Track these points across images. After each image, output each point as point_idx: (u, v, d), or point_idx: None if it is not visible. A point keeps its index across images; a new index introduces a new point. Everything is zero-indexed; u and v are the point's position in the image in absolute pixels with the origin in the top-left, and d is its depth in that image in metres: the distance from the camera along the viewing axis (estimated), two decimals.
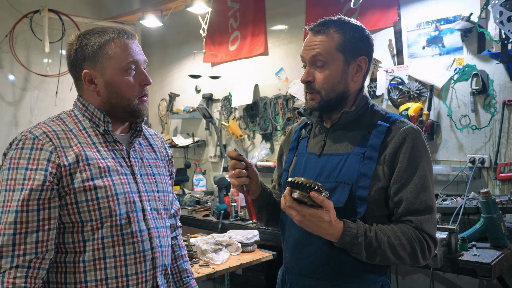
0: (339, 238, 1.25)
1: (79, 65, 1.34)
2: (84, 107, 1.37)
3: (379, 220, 1.34)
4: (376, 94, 3.40)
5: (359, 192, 1.31)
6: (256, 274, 3.48)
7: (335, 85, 1.37)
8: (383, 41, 3.38)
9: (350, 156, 1.36)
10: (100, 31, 1.35)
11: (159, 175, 1.47)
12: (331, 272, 1.35)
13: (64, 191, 1.24)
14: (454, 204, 2.59)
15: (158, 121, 5.37)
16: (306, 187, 1.19)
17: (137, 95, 1.36)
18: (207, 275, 2.31)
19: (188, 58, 4.90)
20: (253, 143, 4.36)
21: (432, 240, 1.31)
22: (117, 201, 1.29)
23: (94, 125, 1.35)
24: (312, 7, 3.79)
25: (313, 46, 1.36)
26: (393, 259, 1.29)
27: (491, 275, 2.11)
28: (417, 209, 1.30)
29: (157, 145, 1.54)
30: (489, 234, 2.36)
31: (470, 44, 2.98)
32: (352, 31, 1.37)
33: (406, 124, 1.36)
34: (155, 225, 1.38)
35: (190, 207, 3.81)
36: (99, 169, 1.28)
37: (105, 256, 1.27)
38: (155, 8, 4.43)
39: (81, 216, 1.25)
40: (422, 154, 1.33)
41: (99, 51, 1.32)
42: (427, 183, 1.32)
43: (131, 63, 1.34)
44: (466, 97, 3.00)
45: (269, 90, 4.19)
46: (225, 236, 2.73)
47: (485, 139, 2.93)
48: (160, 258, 1.37)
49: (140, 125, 1.44)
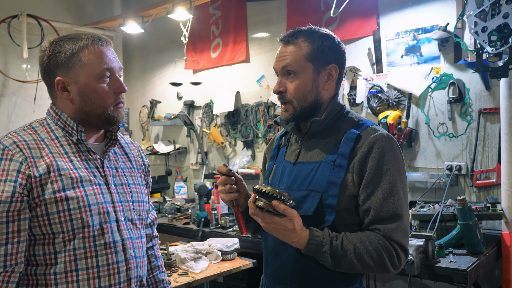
0: (305, 246, 1.27)
1: (52, 72, 1.32)
2: (57, 115, 1.34)
3: (350, 228, 1.34)
4: (356, 102, 3.44)
5: (328, 200, 1.32)
6: (237, 282, 3.46)
7: (306, 94, 1.38)
8: (363, 49, 3.42)
9: (322, 164, 1.37)
10: (74, 37, 1.32)
11: (134, 185, 1.44)
12: (302, 279, 1.36)
13: (35, 203, 1.21)
14: (432, 211, 2.62)
15: (139, 128, 5.33)
16: (270, 196, 1.22)
17: (112, 102, 1.33)
18: (186, 284, 2.28)
19: (170, 65, 4.88)
20: (235, 150, 4.35)
21: (401, 248, 1.30)
22: (89, 212, 1.26)
23: (67, 134, 1.33)
24: (293, 15, 3.82)
25: (283, 57, 1.39)
26: (360, 268, 1.30)
27: (467, 281, 2.13)
28: (384, 216, 1.29)
29: (133, 154, 1.51)
30: (465, 240, 2.39)
31: (447, 54, 3.03)
32: (321, 40, 1.39)
33: (376, 131, 1.36)
34: (129, 235, 1.35)
35: (170, 215, 3.78)
36: (71, 179, 1.26)
37: (77, 268, 1.25)
38: (136, 14, 4.41)
39: (52, 227, 1.22)
40: (391, 161, 1.32)
41: (73, 58, 1.29)
42: (395, 190, 1.30)
43: (105, 70, 1.31)
44: (443, 106, 3.05)
45: (250, 98, 4.20)
46: (205, 244, 2.71)
47: (462, 147, 2.98)
48: (134, 269, 1.35)
49: (115, 133, 1.41)
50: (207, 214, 3.41)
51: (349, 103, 3.49)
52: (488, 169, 2.85)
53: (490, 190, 2.85)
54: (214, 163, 4.50)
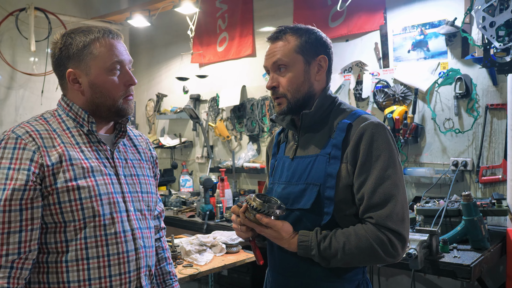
0: (296, 251, 1.35)
1: (63, 64, 1.33)
2: (68, 106, 1.36)
3: (349, 219, 1.36)
4: (362, 96, 3.43)
5: (326, 192, 1.34)
6: (242, 275, 3.48)
7: (300, 86, 1.41)
8: (369, 44, 3.41)
9: (318, 157, 1.39)
10: (85, 30, 1.34)
11: (143, 176, 1.46)
12: (306, 271, 1.38)
13: (47, 191, 1.23)
14: (437, 206, 2.62)
15: (145, 121, 5.35)
16: (256, 210, 1.33)
17: (122, 95, 1.35)
18: (191, 276, 2.31)
19: (176, 59, 4.89)
20: (240, 144, 4.36)
21: (395, 235, 1.28)
22: (100, 201, 1.28)
23: (78, 125, 1.34)
24: (299, 9, 3.81)
25: (273, 53, 1.42)
26: (356, 263, 1.33)
27: (471, 276, 2.14)
28: (377, 202, 1.29)
29: (141, 146, 1.53)
30: (470, 236, 2.39)
31: (454, 49, 3.01)
32: (307, 33, 1.43)
33: (367, 119, 1.37)
34: (138, 226, 1.37)
35: (176, 208, 3.80)
36: (83, 169, 1.28)
37: (88, 257, 1.27)
38: (143, 8, 4.42)
39: (64, 216, 1.24)
40: (382, 148, 1.32)
41: (84, 50, 1.31)
42: (386, 175, 1.30)
43: (116, 63, 1.33)
44: (450, 101, 3.04)
45: (256, 92, 4.20)
46: (210, 237, 2.73)
47: (468, 143, 2.97)
48: (144, 258, 1.37)
49: (125, 125, 1.43)
50: (212, 208, 3.43)
51: (355, 98, 3.48)
52: (494, 165, 2.84)
53: (496, 186, 2.84)
54: (219, 157, 4.51)
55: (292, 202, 1.40)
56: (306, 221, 1.37)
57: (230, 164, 4.17)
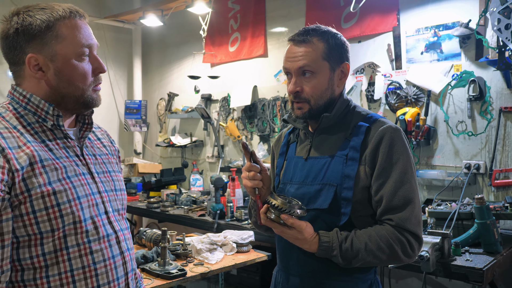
0: (316, 251, 1.34)
1: (20, 47, 1.13)
2: (25, 99, 1.16)
3: (364, 220, 1.37)
4: (374, 98, 3.42)
5: (343, 193, 1.35)
6: (251, 274, 3.49)
7: (323, 93, 1.41)
8: (382, 45, 3.40)
9: (334, 158, 1.40)
10: (46, 7, 1.14)
11: (114, 172, 1.32)
12: (318, 271, 1.39)
13: (18, 200, 1.05)
14: (449, 209, 2.60)
15: (156, 120, 5.38)
16: (280, 210, 1.30)
17: (91, 83, 1.20)
18: (201, 274, 2.31)
19: (188, 58, 4.91)
20: (251, 144, 4.37)
21: (414, 237, 1.33)
22: (80, 205, 1.14)
23: (39, 119, 1.16)
24: (312, 10, 3.81)
25: (298, 57, 1.39)
26: (374, 263, 1.34)
27: (483, 280, 2.12)
28: (396, 205, 1.32)
29: (105, 139, 1.38)
30: (482, 239, 2.37)
31: (468, 51, 3.00)
32: (333, 38, 1.41)
33: (385, 123, 1.39)
34: (119, 227, 1.25)
35: (186, 207, 3.82)
36: (56, 171, 1.11)
37: (72, 268, 1.12)
38: (156, 7, 4.44)
39: (40, 226, 1.07)
40: (401, 151, 1.35)
41: (48, 32, 1.12)
42: (406, 179, 1.34)
43: (85, 47, 1.17)
44: (463, 103, 3.02)
45: (267, 92, 4.21)
46: (220, 236, 2.74)
47: (481, 146, 2.95)
48: (130, 262, 1.26)
49: (90, 117, 1.27)
50: (223, 207, 3.44)
51: (367, 99, 3.47)
52: (507, 169, 2.81)
53: (509, 189, 2.82)
54: (230, 157, 4.53)
55: (308, 202, 1.40)
56: (321, 221, 1.38)
57: (241, 163, 4.18)
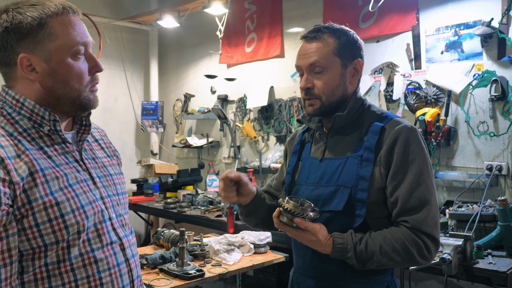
0: (331, 253, 1.32)
1: (11, 47, 1.06)
2: (18, 103, 1.09)
3: (379, 221, 1.35)
4: (392, 98, 3.38)
5: (358, 195, 1.33)
6: (268, 275, 3.48)
7: (335, 89, 1.40)
8: (401, 45, 3.36)
9: (349, 159, 1.38)
10: (36, 4, 1.07)
11: (116, 175, 1.28)
12: (335, 272, 1.38)
13: (20, 213, 1.00)
14: (470, 211, 2.55)
15: (173, 121, 5.41)
16: (291, 213, 1.29)
17: (88, 84, 1.14)
18: (219, 275, 2.31)
19: (204, 59, 4.92)
20: (267, 145, 4.36)
21: (430, 239, 1.30)
22: (84, 214, 1.09)
23: (35, 124, 1.10)
24: (329, 10, 3.78)
25: (310, 54, 1.40)
26: (390, 265, 1.32)
27: (507, 283, 2.08)
28: (412, 206, 1.29)
29: (103, 140, 1.32)
30: (506, 242, 2.32)
31: (490, 50, 2.94)
32: (345, 35, 1.41)
33: (400, 123, 1.37)
34: (124, 233, 1.21)
35: (203, 207, 3.82)
36: (57, 179, 1.06)
37: (77, 279, 1.07)
38: (172, 8, 4.46)
39: (45, 239, 1.03)
40: (416, 151, 1.33)
41: (40, 30, 1.06)
42: (422, 180, 1.31)
43: (81, 45, 1.11)
44: (485, 104, 2.96)
45: (284, 93, 4.19)
46: (238, 236, 2.73)
47: (503, 146, 2.89)
48: (135, 269, 1.22)
49: (88, 118, 1.21)
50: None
51: (385, 100, 3.44)
52: None
53: None
54: (246, 157, 4.52)
55: (322, 204, 1.39)
56: (336, 223, 1.36)
57: (257, 164, 4.17)
